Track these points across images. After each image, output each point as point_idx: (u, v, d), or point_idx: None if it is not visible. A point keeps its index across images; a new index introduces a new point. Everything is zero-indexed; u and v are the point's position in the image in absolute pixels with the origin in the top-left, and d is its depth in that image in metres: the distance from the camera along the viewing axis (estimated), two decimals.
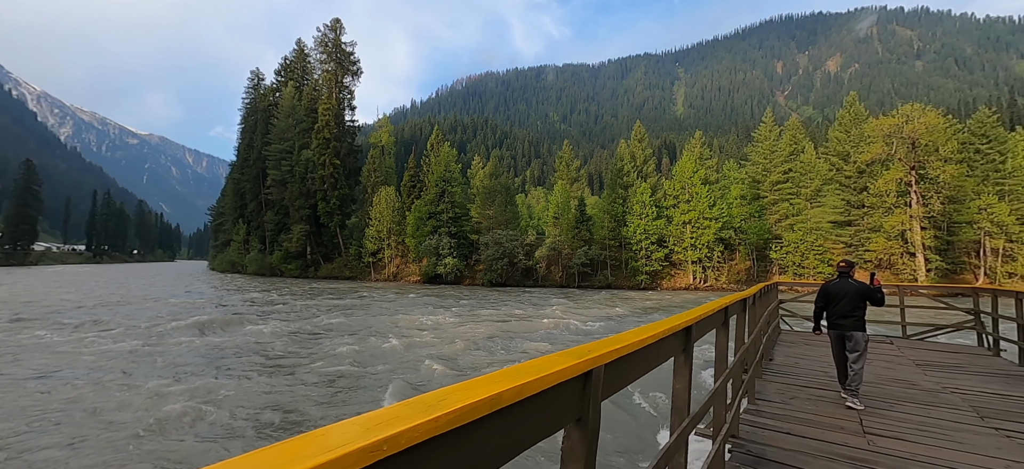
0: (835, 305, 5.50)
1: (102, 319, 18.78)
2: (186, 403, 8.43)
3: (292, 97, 60.32)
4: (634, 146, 48.82)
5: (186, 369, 11.16)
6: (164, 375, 10.53)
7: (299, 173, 57.23)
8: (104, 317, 19.41)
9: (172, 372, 10.82)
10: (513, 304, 26.49)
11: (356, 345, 13.83)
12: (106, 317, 19.43)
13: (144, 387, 9.47)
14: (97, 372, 10.71)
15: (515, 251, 43.84)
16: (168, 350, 13.17)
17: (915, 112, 34.36)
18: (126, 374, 10.59)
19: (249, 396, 9.05)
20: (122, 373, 10.67)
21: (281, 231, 59.94)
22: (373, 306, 25.03)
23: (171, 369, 11.13)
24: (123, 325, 17.37)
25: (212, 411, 8.11)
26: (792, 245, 37.28)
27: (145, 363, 11.70)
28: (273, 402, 8.76)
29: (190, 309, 22.82)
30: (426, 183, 51.10)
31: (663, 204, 42.70)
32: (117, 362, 11.71)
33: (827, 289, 5.65)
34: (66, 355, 12.43)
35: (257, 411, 8.26)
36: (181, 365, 11.57)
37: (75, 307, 23.19)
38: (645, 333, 1.79)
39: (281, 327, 17.28)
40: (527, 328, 17.56)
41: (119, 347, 13.42)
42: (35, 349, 13.18)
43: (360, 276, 54.12)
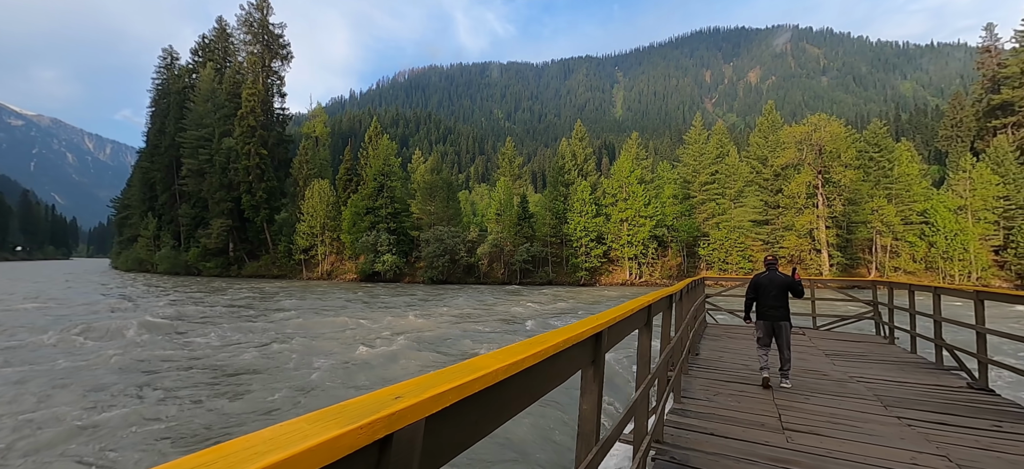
0: (764, 297, 5.91)
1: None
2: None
3: (211, 80, 55.04)
4: (575, 145, 49.78)
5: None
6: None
7: (220, 163, 52.38)
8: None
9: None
10: (461, 301, 25.89)
11: (278, 351, 12.64)
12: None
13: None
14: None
15: (457, 248, 43.10)
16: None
17: (821, 122, 37.96)
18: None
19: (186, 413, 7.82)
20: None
21: (198, 226, 54.69)
22: (303, 307, 23.33)
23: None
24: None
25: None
26: (718, 242, 39.80)
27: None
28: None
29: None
30: (364, 177, 48.84)
31: (602, 202, 43.90)
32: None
33: (757, 282, 6.04)
34: None
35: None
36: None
37: None
38: (555, 337, 1.62)
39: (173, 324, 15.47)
40: (468, 327, 17.10)
41: None
42: None
43: (290, 274, 50.72)
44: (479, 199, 72.49)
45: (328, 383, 9.76)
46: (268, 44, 56.94)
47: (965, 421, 4.32)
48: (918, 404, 4.88)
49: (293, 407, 8.36)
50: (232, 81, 55.48)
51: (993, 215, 35.06)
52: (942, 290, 6.88)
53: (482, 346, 13.49)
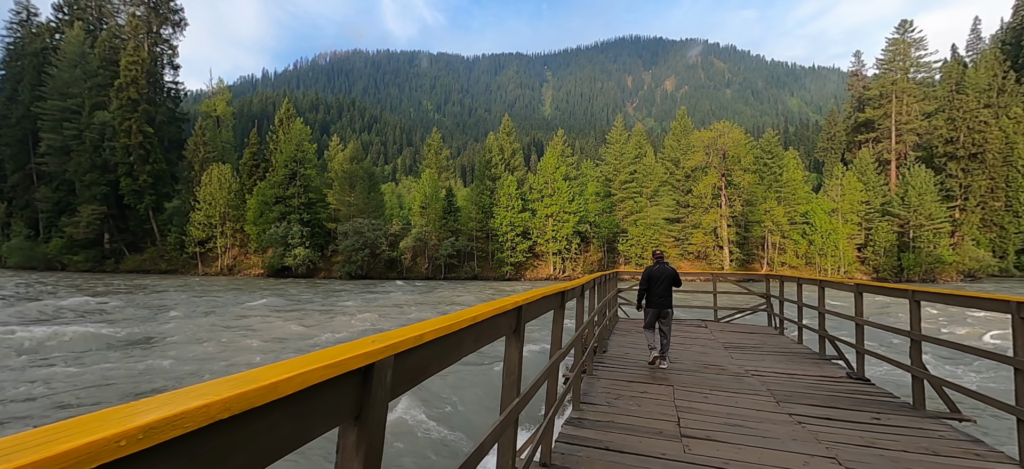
0: (654, 287, 6.45)
1: None
2: None
3: (81, 42, 46.73)
4: (502, 139, 49.58)
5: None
6: None
7: (91, 140, 44.77)
8: None
9: None
10: (375, 297, 24.29)
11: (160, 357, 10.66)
12: None
13: None
14: None
15: (378, 241, 40.94)
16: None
17: (725, 128, 41.39)
18: None
19: None
20: None
21: (63, 212, 46.45)
22: (201, 306, 20.42)
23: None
24: None
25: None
26: (635, 238, 41.88)
27: None
28: None
29: None
30: (273, 163, 44.55)
31: (528, 198, 44.20)
32: None
33: (649, 273, 6.56)
34: None
35: None
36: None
37: None
38: (448, 321, 1.58)
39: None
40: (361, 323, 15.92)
41: None
42: None
43: (183, 269, 44.97)
44: (406, 192, 69.84)
45: None
46: (155, 7, 49.65)
47: (848, 415, 4.47)
48: (806, 397, 5.03)
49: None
50: (108, 46, 47.56)
51: (857, 217, 40.63)
52: (827, 283, 7.33)
53: None
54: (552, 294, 3.11)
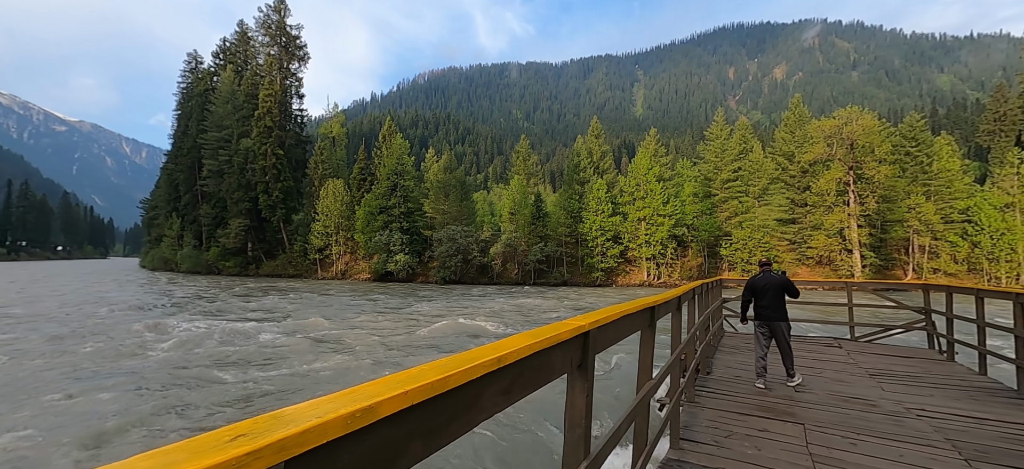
0: (762, 298, 5.94)
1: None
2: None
3: (231, 81, 56.00)
4: (591, 142, 48.60)
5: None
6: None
7: (238, 163, 53.21)
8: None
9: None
10: (467, 301, 25.20)
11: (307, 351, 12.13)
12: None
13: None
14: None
15: (470, 247, 42.50)
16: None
17: (853, 114, 35.81)
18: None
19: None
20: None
21: (218, 226, 55.67)
22: (315, 303, 23.02)
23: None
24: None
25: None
26: (741, 242, 38.05)
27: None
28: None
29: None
30: (377, 176, 48.78)
31: (619, 201, 42.64)
32: None
33: (754, 284, 6.06)
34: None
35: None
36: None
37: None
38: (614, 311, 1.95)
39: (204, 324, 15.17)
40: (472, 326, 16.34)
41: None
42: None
43: (306, 274, 51.07)
44: (497, 199, 71.92)
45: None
46: (285, 45, 57.63)
47: None
48: (1009, 454, 3.68)
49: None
50: (251, 83, 56.32)
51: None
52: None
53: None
54: (637, 311, 2.46)
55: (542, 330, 1.57)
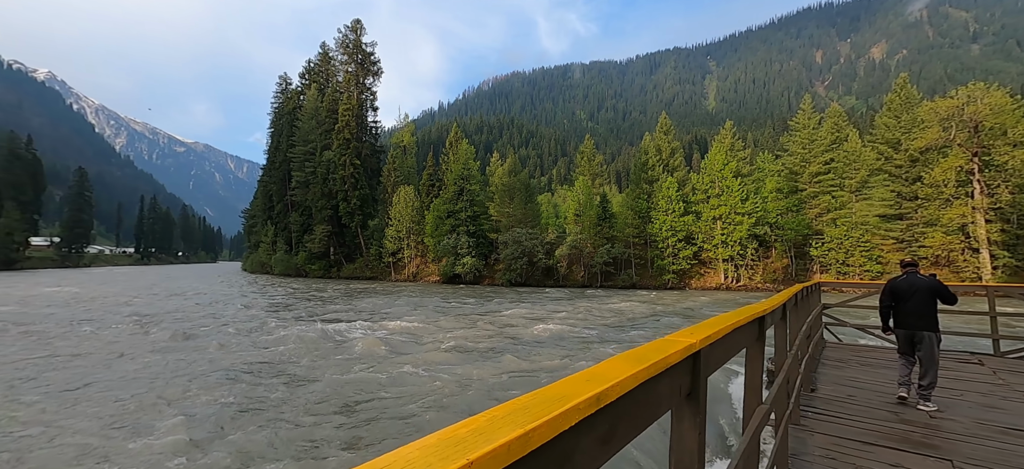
0: (905, 303, 5.33)
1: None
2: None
3: (315, 99, 61.07)
4: (659, 139, 46.51)
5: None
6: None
7: (321, 174, 57.81)
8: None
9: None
10: (532, 305, 25.16)
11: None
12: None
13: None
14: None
15: (535, 249, 42.47)
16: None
17: (978, 92, 30.78)
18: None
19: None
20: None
21: (305, 232, 60.74)
22: (398, 305, 24.25)
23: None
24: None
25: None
26: (835, 241, 34.25)
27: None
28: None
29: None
30: (445, 181, 50.46)
31: (691, 199, 40.34)
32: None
33: (895, 286, 5.49)
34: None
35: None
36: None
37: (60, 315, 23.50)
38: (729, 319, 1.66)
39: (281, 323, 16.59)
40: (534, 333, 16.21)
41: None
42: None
43: (381, 276, 54.06)
44: (561, 201, 71.33)
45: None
46: (361, 62, 61.73)
47: None
48: None
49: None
50: (332, 99, 61.00)
51: None
52: None
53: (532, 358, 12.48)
54: (745, 323, 2.04)
55: (643, 352, 1.22)
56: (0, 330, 16.27)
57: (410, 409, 8.08)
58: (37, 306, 23.96)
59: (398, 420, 7.60)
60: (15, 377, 10.15)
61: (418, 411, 7.96)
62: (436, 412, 7.90)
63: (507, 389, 9.16)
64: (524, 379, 9.88)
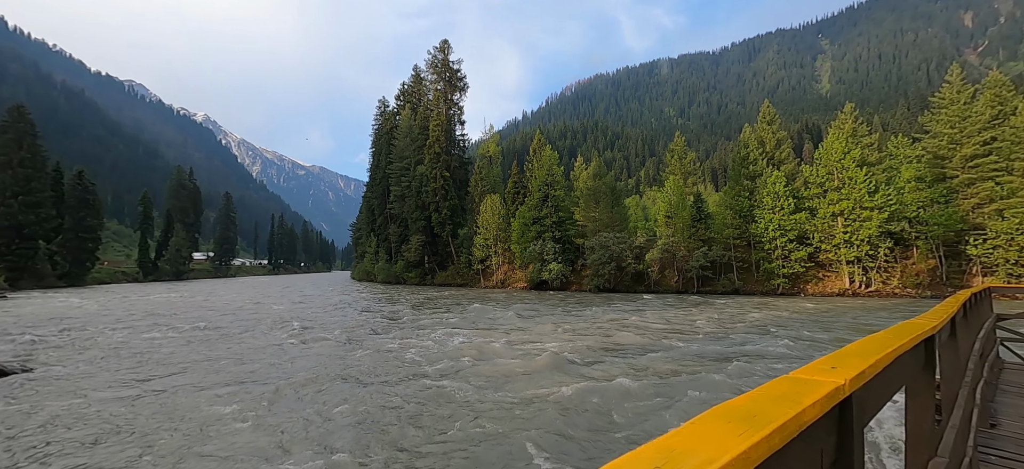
0: None
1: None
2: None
3: (409, 118, 65.73)
4: (761, 130, 42.21)
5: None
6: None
7: (415, 188, 61.86)
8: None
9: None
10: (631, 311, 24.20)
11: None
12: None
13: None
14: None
15: (623, 254, 40.90)
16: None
17: None
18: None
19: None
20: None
21: (403, 242, 65.30)
22: (495, 312, 25.01)
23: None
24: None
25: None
26: (1004, 237, 27.97)
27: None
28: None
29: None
30: (529, 189, 50.93)
31: (803, 194, 35.87)
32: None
33: None
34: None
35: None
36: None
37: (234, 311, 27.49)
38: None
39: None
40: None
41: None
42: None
43: (470, 283, 56.02)
44: (650, 203, 68.21)
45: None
46: (449, 80, 65.15)
47: None
48: None
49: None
50: (423, 117, 65.20)
51: None
52: None
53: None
54: (908, 347, 1.47)
55: (758, 404, 0.80)
56: (227, 334, 19.71)
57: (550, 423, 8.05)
58: (244, 313, 28.71)
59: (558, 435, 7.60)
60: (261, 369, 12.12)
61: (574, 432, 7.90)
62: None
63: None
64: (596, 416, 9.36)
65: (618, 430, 7.45)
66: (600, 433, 7.36)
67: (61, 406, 8.95)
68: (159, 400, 9.33)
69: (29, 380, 10.79)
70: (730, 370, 10.83)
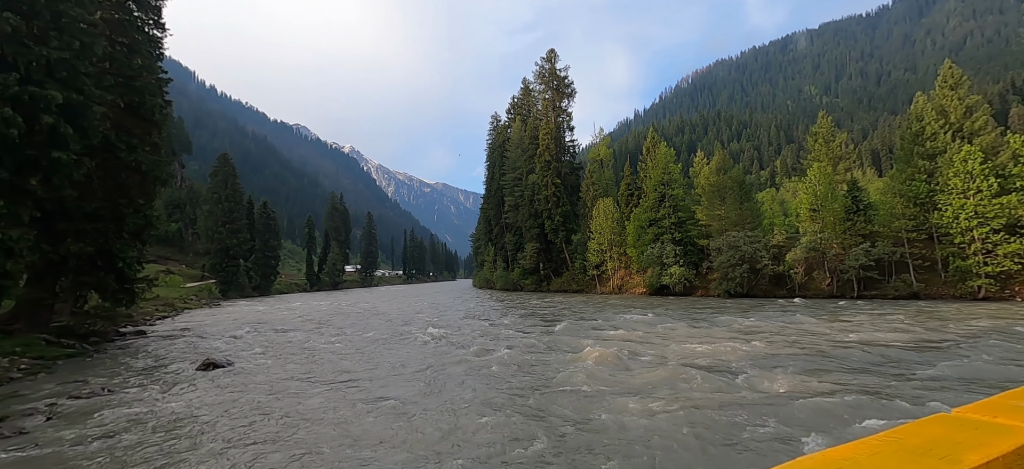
0: None
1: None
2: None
3: (520, 130, 67.82)
4: (943, 97, 34.15)
5: None
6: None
7: (527, 196, 63.41)
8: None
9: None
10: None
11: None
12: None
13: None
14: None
15: (757, 255, 36.45)
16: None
17: None
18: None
19: None
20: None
21: (518, 250, 67.31)
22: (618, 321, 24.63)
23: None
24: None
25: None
26: None
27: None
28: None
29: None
30: (644, 189, 48.55)
31: (1012, 172, 27.96)
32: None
33: None
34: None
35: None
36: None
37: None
38: None
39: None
40: None
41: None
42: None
43: (586, 289, 55.27)
44: (790, 196, 59.95)
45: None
46: (557, 88, 65.70)
47: None
48: None
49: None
50: (533, 126, 66.69)
51: None
52: None
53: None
54: None
55: (935, 438, 0.71)
56: (406, 337, 23.11)
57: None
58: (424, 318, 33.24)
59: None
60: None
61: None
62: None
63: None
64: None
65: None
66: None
67: (254, 394, 11.09)
68: (328, 390, 10.99)
69: (231, 373, 13.59)
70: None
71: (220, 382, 12.03)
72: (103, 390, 11.09)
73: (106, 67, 19.42)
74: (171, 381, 12.34)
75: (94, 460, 6.94)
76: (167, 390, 11.29)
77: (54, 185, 15.61)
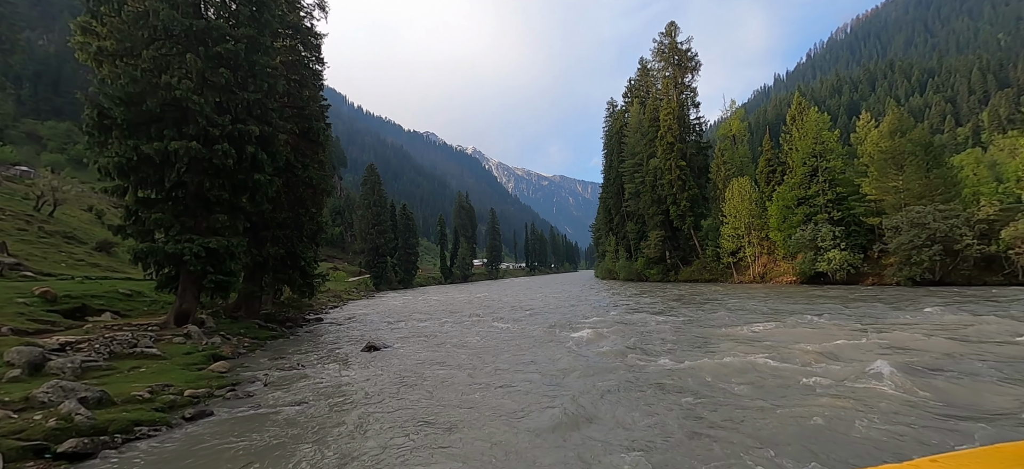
0: None
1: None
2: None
3: (638, 113, 64.60)
4: None
5: None
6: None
7: (649, 182, 60.14)
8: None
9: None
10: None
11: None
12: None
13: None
14: None
15: (955, 233, 29.17)
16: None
17: None
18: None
19: None
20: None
21: (641, 239, 64.45)
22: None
23: None
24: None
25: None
26: None
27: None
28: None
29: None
30: (789, 164, 42.34)
31: None
32: None
33: None
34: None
35: None
36: None
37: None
38: None
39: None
40: None
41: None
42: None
43: (721, 278, 50.51)
44: (1007, 156, 46.84)
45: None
46: (678, 63, 60.83)
47: None
48: None
49: None
50: (652, 108, 62.88)
51: None
52: None
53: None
54: None
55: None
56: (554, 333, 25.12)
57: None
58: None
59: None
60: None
61: None
62: None
63: None
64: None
65: None
66: None
67: (404, 368, 12.70)
68: (461, 372, 12.09)
69: (386, 355, 15.70)
70: None
71: (379, 363, 14.01)
72: (299, 365, 13.81)
73: (285, 101, 23.88)
74: (343, 359, 14.81)
75: (299, 416, 8.80)
76: (342, 367, 13.57)
77: (256, 201, 19.74)
